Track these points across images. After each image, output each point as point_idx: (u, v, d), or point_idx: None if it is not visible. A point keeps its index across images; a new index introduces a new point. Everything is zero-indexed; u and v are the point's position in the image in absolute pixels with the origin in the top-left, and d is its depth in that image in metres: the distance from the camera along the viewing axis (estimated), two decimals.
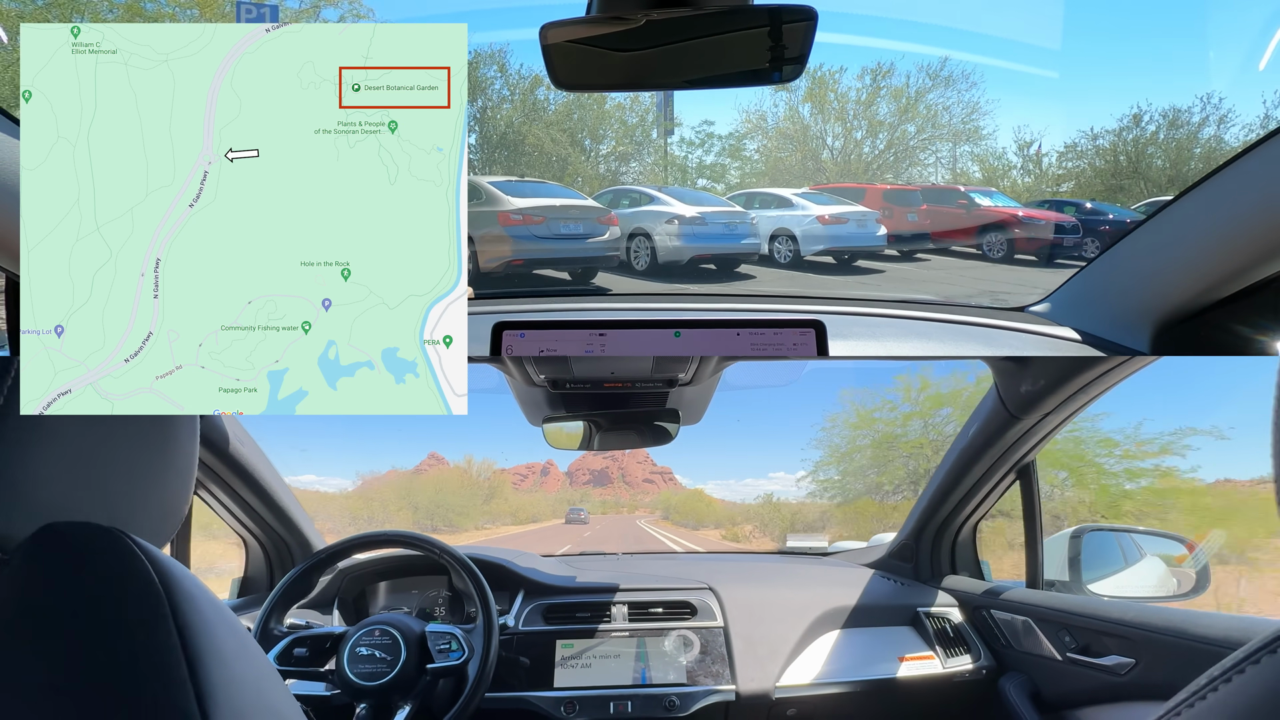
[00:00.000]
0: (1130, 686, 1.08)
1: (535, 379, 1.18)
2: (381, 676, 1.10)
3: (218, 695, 0.36)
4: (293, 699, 0.45)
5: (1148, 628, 1.07)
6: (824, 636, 1.39)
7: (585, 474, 24.65)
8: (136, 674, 0.36)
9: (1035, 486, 1.44)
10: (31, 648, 0.36)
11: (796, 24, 0.80)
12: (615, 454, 24.61)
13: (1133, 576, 1.48)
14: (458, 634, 1.15)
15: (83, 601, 0.37)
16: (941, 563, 1.57)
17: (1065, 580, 1.42)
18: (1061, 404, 1.22)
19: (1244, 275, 0.95)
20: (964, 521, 1.55)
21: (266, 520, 1.50)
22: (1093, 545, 1.48)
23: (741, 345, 1.07)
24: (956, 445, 1.46)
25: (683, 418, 1.35)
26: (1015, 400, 1.26)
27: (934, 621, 1.43)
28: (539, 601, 1.40)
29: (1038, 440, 1.35)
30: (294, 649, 1.15)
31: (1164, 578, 1.47)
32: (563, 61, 0.84)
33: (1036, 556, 1.41)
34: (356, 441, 25.94)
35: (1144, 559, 1.52)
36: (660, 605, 1.39)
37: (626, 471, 24.95)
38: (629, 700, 1.25)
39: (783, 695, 1.28)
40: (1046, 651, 1.24)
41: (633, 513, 22.42)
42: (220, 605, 0.42)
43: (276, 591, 1.22)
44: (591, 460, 24.28)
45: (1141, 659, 1.07)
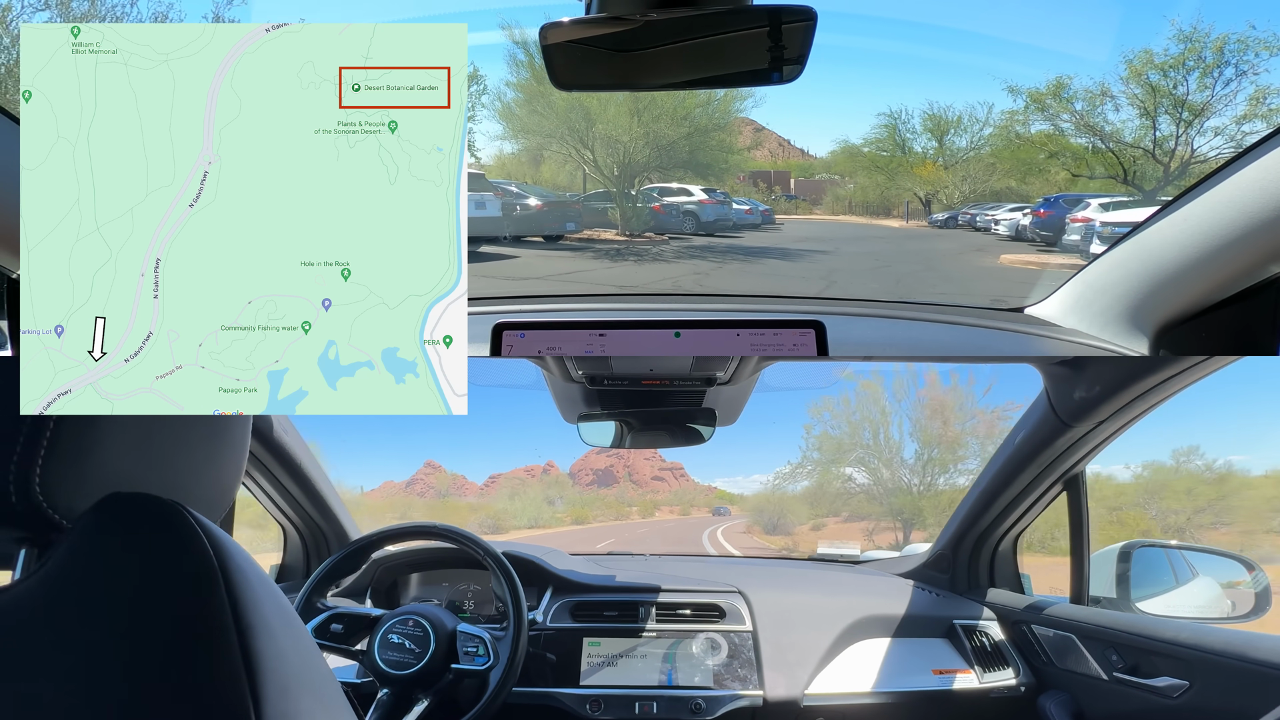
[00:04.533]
0: (1183, 711, 1.03)
1: (574, 375, 1.19)
2: (407, 667, 1.11)
3: (265, 664, 0.37)
4: (333, 676, 0.46)
5: (1205, 649, 1.02)
6: (855, 645, 1.36)
7: (588, 474, 24.06)
8: (189, 639, 0.37)
9: (1084, 498, 1.39)
10: (91, 610, 0.38)
11: (796, 24, 0.80)
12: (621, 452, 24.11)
13: (1185, 596, 1.41)
14: (486, 640, 1.16)
15: (140, 568, 0.39)
16: (980, 575, 1.53)
17: (1112, 597, 1.37)
18: (1117, 412, 1.17)
19: (1245, 277, 0.94)
20: (1005, 533, 1.50)
21: (305, 509, 1.54)
22: (1143, 562, 1.42)
23: (741, 345, 1.07)
24: (1001, 453, 1.42)
25: (719, 418, 1.34)
26: (1067, 407, 1.22)
27: (971, 635, 1.39)
28: (568, 599, 1.40)
29: (1089, 449, 1.30)
30: (331, 624, 1.19)
31: (1218, 598, 1.41)
32: (563, 61, 0.85)
33: (1082, 571, 1.36)
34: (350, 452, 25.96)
35: (1196, 578, 1.45)
36: (688, 607, 1.38)
37: (634, 470, 24.21)
38: (654, 701, 1.24)
39: (811, 703, 1.26)
40: (1091, 670, 1.19)
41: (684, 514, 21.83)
42: (268, 581, 0.43)
43: (325, 566, 1.25)
44: (595, 459, 23.90)
45: (1196, 682, 1.02)
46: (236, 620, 0.37)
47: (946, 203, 15.42)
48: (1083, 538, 1.36)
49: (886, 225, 15.15)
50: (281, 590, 0.42)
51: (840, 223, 15.76)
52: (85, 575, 0.39)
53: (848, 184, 17.61)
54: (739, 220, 13.87)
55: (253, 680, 0.36)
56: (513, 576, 1.23)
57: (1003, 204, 13.94)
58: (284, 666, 0.38)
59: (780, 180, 19.02)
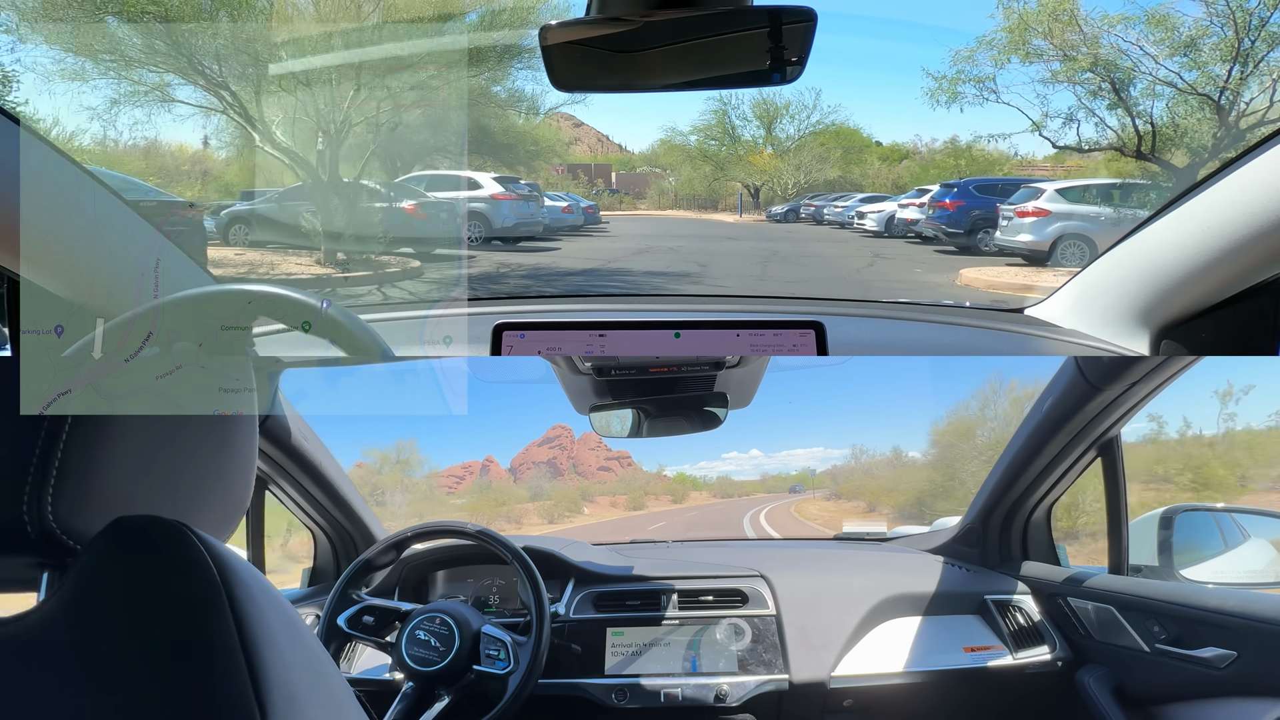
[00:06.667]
0: (1230, 681, 0.98)
1: (580, 366, 1.19)
2: (431, 664, 1.15)
3: (271, 678, 0.38)
4: (346, 684, 0.47)
5: (1254, 617, 0.97)
6: (883, 625, 1.33)
7: (529, 467, 23.53)
8: (195, 658, 0.38)
9: (1120, 464, 1.33)
10: (101, 635, 0.39)
11: (796, 25, 0.80)
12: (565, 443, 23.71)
13: (1234, 561, 1.35)
14: (508, 644, 1.18)
15: (147, 590, 0.40)
16: (1012, 548, 1.48)
17: (1154, 566, 1.31)
18: (1151, 372, 1.11)
19: (1246, 277, 0.94)
20: (1037, 503, 1.45)
21: (331, 512, 1.57)
22: (1186, 527, 1.35)
23: (741, 346, 1.07)
24: (1029, 421, 1.36)
25: (731, 401, 1.32)
26: (1097, 370, 1.16)
27: (1003, 610, 1.35)
28: (590, 590, 1.40)
29: (1123, 413, 1.24)
30: (363, 616, 1.24)
31: (1273, 562, 1.34)
32: (563, 62, 0.85)
33: (1121, 540, 1.30)
34: None
35: (1247, 541, 1.38)
36: (711, 593, 1.37)
37: (578, 461, 23.76)
38: (680, 688, 1.24)
39: (839, 685, 1.24)
40: (1132, 643, 1.15)
41: None
42: (276, 595, 0.43)
43: (356, 563, 1.29)
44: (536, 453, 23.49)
45: (1245, 652, 0.97)
46: (242, 637, 0.38)
47: (781, 194, 14.45)
48: (1120, 504, 1.30)
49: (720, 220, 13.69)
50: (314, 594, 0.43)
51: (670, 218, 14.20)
52: (95, 601, 0.40)
53: (670, 177, 16.65)
54: (554, 222, 10.16)
55: (259, 694, 0.37)
56: (536, 578, 1.24)
57: (850, 194, 12.36)
58: (291, 678, 0.39)
59: (601, 174, 17.77)
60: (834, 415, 34.45)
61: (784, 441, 27.49)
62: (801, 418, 25.29)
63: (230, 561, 0.41)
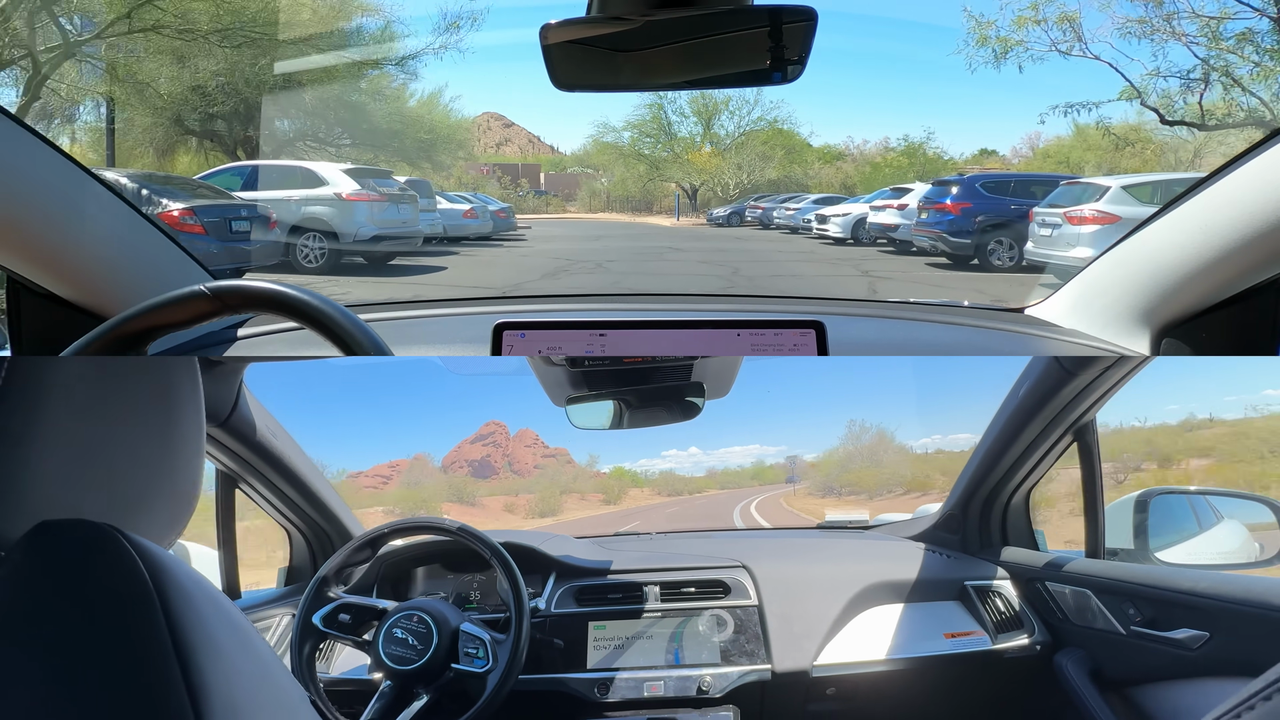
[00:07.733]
0: (1203, 662, 0.99)
1: (553, 358, 1.17)
2: (409, 663, 1.13)
3: (211, 689, 0.36)
4: (302, 692, 0.44)
5: (1224, 598, 0.98)
6: (864, 613, 1.33)
7: (462, 465, 22.55)
8: (126, 671, 0.35)
9: (1095, 448, 1.34)
10: (26, 648, 0.36)
11: (796, 24, 0.80)
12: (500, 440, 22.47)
13: (1207, 542, 1.37)
14: (487, 642, 1.17)
15: (73, 600, 0.37)
16: (991, 534, 1.49)
17: (1130, 549, 1.32)
18: (1125, 355, 1.12)
19: (1246, 277, 0.94)
20: (1015, 489, 1.46)
21: (305, 510, 1.54)
22: (1161, 510, 1.37)
23: (742, 345, 1.06)
24: (1006, 407, 1.37)
25: (709, 391, 1.31)
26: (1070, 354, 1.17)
27: (984, 596, 1.36)
28: (571, 584, 1.39)
29: (1097, 397, 1.25)
30: (339, 614, 1.21)
31: (1245, 543, 1.36)
32: (563, 62, 0.85)
33: (1097, 524, 1.31)
34: None
35: (1220, 523, 1.40)
36: (693, 585, 1.37)
37: (514, 458, 22.77)
38: (662, 681, 1.23)
39: (821, 674, 1.24)
40: (1108, 625, 1.16)
41: None
42: (219, 599, 0.41)
43: (331, 560, 1.26)
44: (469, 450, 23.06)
45: (1217, 632, 0.98)
46: (177, 644, 0.36)
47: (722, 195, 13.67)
48: (1095, 489, 1.32)
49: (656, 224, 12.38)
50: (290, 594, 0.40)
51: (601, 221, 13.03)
52: (15, 609, 0.37)
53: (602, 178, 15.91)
54: (455, 229, 8.01)
55: (196, 702, 0.35)
56: (515, 574, 1.23)
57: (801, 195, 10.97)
58: (236, 688, 0.37)
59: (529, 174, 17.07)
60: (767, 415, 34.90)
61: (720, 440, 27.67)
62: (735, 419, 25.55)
63: (164, 564, 0.39)
